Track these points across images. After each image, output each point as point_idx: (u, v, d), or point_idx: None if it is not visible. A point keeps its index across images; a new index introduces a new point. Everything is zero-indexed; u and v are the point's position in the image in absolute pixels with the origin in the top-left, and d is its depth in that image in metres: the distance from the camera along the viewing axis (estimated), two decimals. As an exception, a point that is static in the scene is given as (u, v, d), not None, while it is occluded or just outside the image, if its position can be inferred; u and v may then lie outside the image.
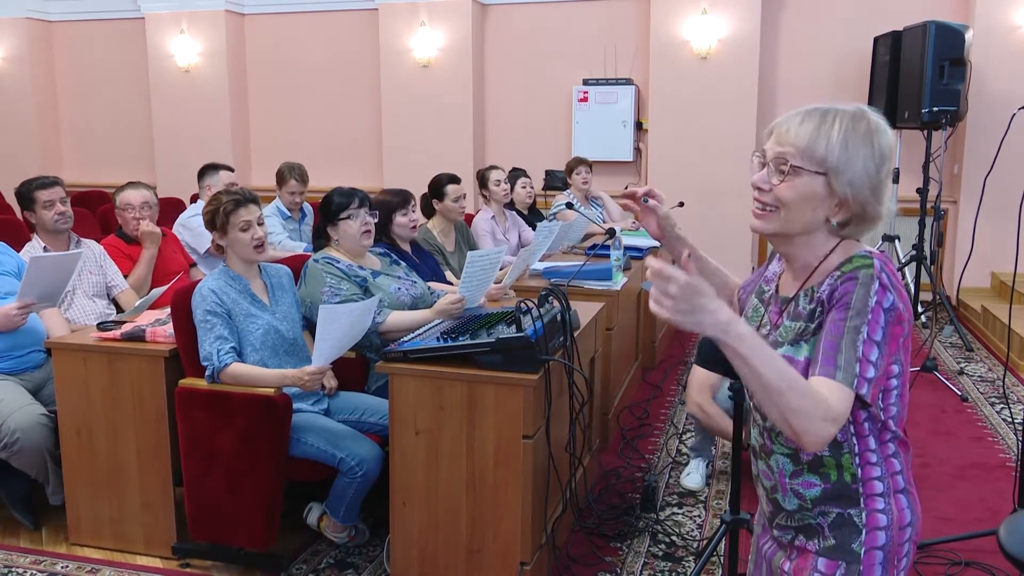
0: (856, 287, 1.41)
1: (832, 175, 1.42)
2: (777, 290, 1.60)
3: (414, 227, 3.70)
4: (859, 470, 1.50)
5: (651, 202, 1.76)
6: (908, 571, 1.56)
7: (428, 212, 4.49)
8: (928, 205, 6.05)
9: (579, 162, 5.88)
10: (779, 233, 1.50)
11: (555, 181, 6.99)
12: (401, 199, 3.64)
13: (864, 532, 1.50)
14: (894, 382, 1.48)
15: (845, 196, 1.43)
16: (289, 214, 5.42)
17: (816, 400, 1.34)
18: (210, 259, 4.52)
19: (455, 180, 4.42)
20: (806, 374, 1.42)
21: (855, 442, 1.50)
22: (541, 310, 2.61)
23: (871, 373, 1.39)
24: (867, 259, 1.44)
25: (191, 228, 4.62)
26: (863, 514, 1.50)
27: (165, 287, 3.45)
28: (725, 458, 3.81)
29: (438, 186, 4.40)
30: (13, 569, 2.96)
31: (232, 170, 5.08)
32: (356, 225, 3.17)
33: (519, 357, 2.46)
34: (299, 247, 5.02)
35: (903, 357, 1.47)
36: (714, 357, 2.98)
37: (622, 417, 4.27)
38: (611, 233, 4.23)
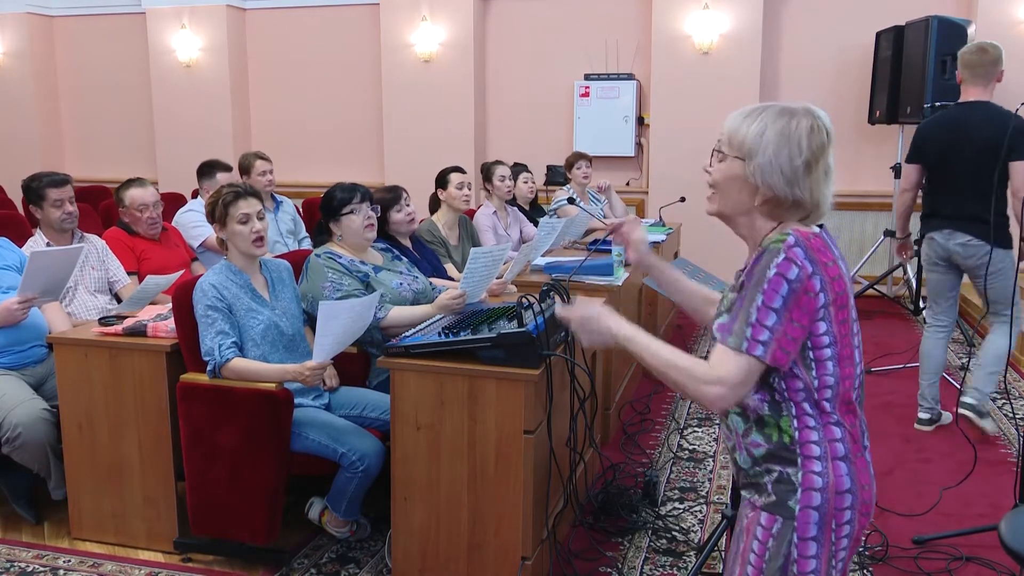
0: (762, 260, 1.54)
1: (747, 160, 1.58)
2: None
3: (411, 219, 3.70)
4: (797, 433, 1.60)
5: (625, 232, 1.97)
6: (853, 540, 1.63)
7: (434, 208, 4.51)
8: (930, 200, 6.03)
9: (579, 156, 5.87)
10: (720, 214, 1.67)
11: (557, 176, 6.99)
12: (392, 195, 3.65)
13: (800, 491, 1.59)
14: (827, 352, 1.57)
15: (755, 179, 1.58)
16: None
17: (691, 371, 1.56)
18: (204, 255, 4.51)
19: (459, 170, 4.49)
20: None
21: (792, 407, 1.60)
22: (542, 305, 2.61)
23: (764, 336, 1.51)
24: (784, 236, 1.55)
25: (182, 225, 4.60)
26: (799, 474, 1.59)
27: (163, 277, 3.42)
28: (727, 453, 3.81)
29: (442, 176, 4.47)
30: (15, 563, 2.96)
31: (230, 169, 4.94)
32: (359, 220, 3.17)
33: (520, 352, 2.46)
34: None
35: (835, 329, 1.56)
36: None
37: (623, 412, 4.27)
38: (613, 228, 4.23)
